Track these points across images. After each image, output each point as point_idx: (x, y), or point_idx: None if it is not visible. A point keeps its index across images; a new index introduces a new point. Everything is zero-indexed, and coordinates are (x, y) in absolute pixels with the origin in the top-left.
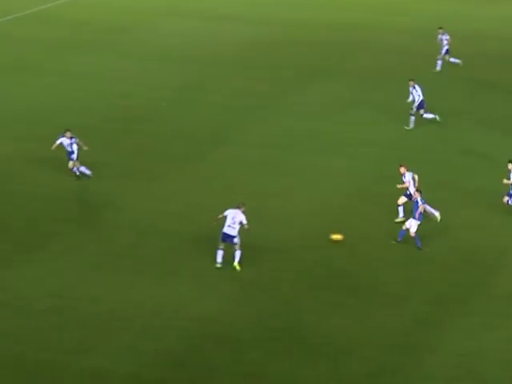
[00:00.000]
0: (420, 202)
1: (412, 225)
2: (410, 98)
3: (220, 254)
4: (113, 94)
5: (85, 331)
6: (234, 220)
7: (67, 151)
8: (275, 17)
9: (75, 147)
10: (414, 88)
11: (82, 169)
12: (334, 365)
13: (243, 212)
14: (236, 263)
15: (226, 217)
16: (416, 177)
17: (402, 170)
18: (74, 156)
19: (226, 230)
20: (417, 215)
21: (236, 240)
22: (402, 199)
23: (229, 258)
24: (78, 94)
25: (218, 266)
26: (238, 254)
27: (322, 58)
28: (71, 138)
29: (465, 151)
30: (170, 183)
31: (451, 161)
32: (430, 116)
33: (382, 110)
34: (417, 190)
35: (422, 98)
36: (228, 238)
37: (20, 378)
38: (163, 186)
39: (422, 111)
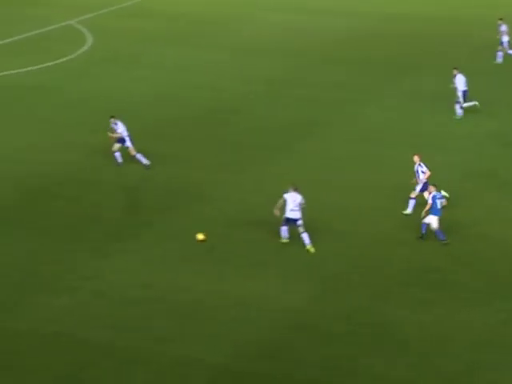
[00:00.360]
0: (437, 197)
1: (432, 221)
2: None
3: (285, 229)
4: (207, 86)
5: (174, 320)
6: (295, 203)
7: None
8: (366, 10)
9: (125, 133)
10: (455, 77)
11: (117, 154)
12: (422, 361)
13: (299, 192)
14: (308, 246)
15: (285, 202)
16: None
17: (416, 158)
18: (128, 143)
19: (289, 214)
20: (435, 210)
21: (299, 222)
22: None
23: (320, 252)
24: (173, 86)
25: (285, 240)
26: (305, 236)
27: (415, 52)
28: (116, 123)
29: None
30: (257, 175)
31: None
32: (460, 110)
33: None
34: (433, 185)
35: (464, 88)
36: (292, 221)
37: (111, 365)
38: (251, 177)
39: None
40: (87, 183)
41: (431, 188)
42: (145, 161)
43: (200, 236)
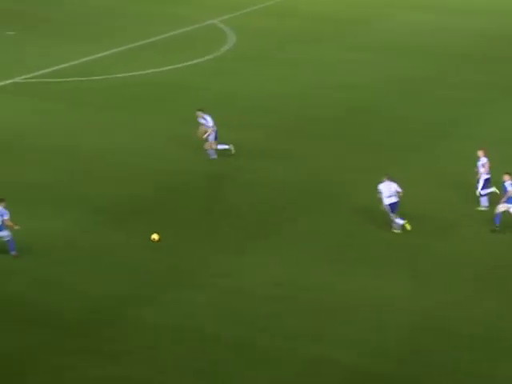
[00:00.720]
0: (509, 187)
1: (506, 209)
2: None
3: (398, 220)
4: (346, 85)
5: (306, 319)
6: (391, 190)
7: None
8: (506, 8)
9: (213, 127)
10: None
11: (220, 147)
12: None
13: (393, 180)
14: (405, 222)
15: (382, 193)
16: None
17: (480, 153)
18: (212, 137)
19: (389, 201)
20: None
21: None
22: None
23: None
24: (312, 85)
25: (404, 226)
26: (398, 220)
27: None
28: (204, 117)
29: None
30: (396, 176)
31: None
32: None
33: None
34: (507, 173)
35: None
36: (395, 205)
37: (244, 362)
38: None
39: None
40: (226, 180)
41: (505, 177)
42: (213, 155)
43: (155, 236)
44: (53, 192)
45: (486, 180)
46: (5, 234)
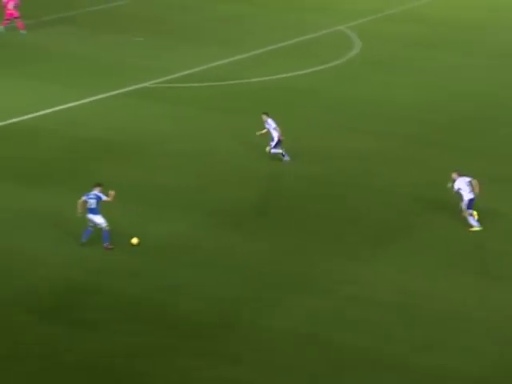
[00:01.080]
0: None
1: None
2: None
3: (472, 218)
4: (466, 92)
5: (430, 329)
6: (469, 184)
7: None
8: None
9: (274, 133)
10: None
11: (274, 151)
12: None
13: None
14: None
15: (461, 189)
16: None
17: None
18: (271, 142)
19: (471, 196)
20: None
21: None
22: None
23: None
24: (432, 92)
25: (478, 228)
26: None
27: None
28: (266, 121)
29: None
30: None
31: None
32: None
33: None
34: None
35: None
36: (473, 201)
37: (365, 369)
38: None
39: None
40: (346, 186)
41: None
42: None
43: (134, 240)
44: (180, 196)
45: None
46: (101, 221)
